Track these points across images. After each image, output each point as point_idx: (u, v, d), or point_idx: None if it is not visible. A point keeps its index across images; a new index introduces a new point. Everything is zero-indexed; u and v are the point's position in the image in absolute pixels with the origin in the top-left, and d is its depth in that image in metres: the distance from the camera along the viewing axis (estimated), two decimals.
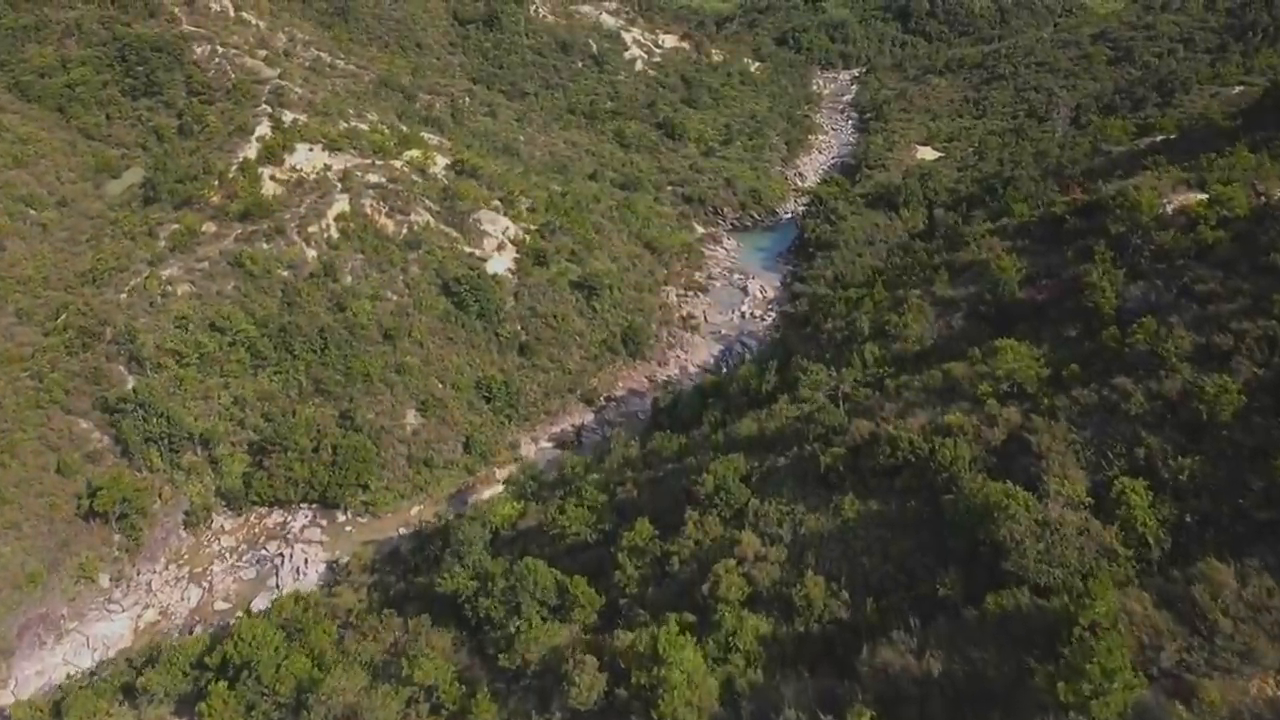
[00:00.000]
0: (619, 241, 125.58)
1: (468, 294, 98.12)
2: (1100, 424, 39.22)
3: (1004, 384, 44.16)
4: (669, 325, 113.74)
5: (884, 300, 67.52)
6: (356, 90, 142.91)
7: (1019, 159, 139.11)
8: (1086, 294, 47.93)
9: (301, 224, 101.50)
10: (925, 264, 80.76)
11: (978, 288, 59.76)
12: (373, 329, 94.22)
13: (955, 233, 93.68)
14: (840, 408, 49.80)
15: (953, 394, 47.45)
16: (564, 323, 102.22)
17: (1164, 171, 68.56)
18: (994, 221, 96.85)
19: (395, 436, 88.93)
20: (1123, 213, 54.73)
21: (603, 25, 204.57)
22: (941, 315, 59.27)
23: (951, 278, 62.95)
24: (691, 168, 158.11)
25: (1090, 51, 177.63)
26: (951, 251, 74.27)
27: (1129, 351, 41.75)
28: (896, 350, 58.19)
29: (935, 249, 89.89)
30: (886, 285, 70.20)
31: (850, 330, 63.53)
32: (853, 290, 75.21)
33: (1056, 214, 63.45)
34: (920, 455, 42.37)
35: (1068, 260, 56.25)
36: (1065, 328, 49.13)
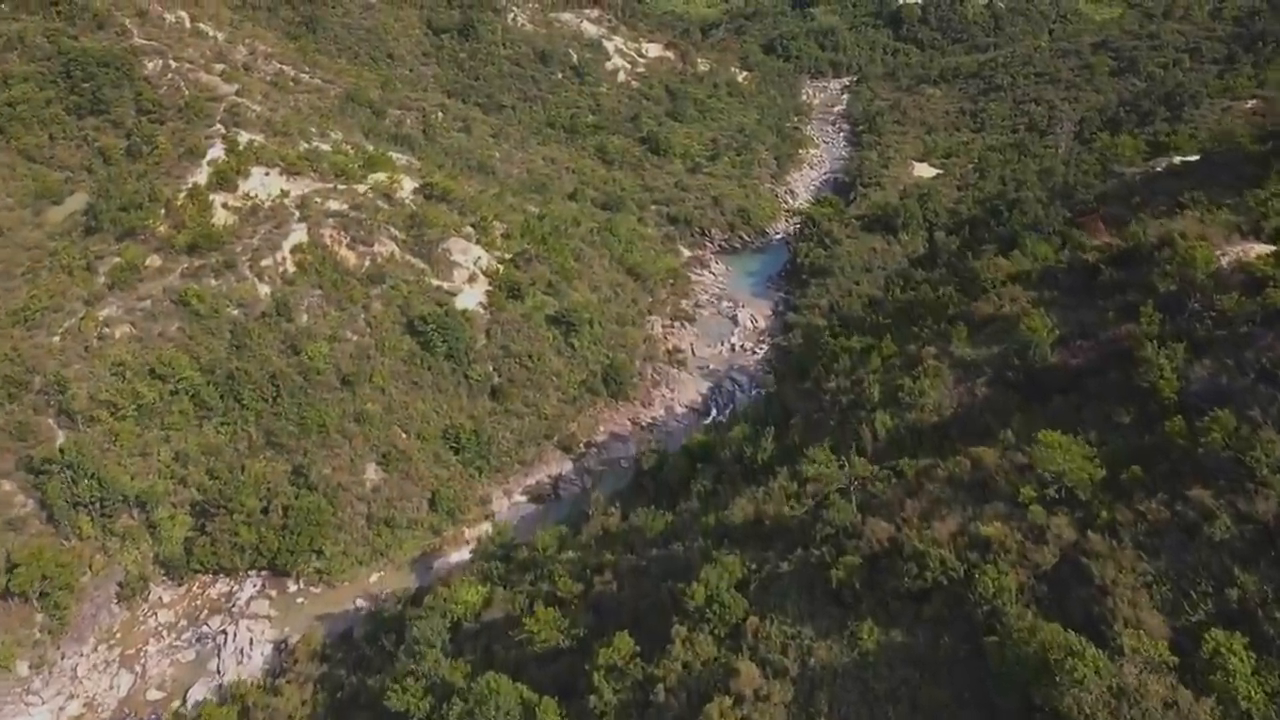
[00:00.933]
0: (600, 268, 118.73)
1: (435, 333, 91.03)
2: (1176, 550, 32.53)
3: (1050, 487, 37.35)
4: (654, 361, 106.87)
5: (893, 356, 60.77)
6: (321, 106, 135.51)
7: (1022, 178, 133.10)
8: (1141, 371, 41.20)
9: (254, 257, 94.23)
10: (935, 307, 74.28)
11: (1002, 348, 53.05)
12: (330, 374, 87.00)
13: (965, 268, 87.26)
14: (851, 502, 42.92)
15: (985, 491, 40.70)
16: (540, 362, 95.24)
17: (1206, 211, 62.14)
18: (1003, 252, 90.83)
19: (353, 494, 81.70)
20: (1171, 266, 48.10)
21: (584, 34, 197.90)
22: (961, 380, 52.52)
23: (971, 333, 56.20)
24: (677, 185, 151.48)
25: (1092, 61, 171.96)
26: (967, 296, 67.63)
27: (1203, 454, 35.05)
28: (911, 421, 51.41)
29: (945, 290, 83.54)
30: (896, 338, 63.39)
31: (857, 394, 56.71)
32: (856, 339, 68.43)
33: (1088, 261, 56.81)
34: (954, 577, 35.62)
35: (1107, 320, 49.60)
36: (1113, 408, 42.40)
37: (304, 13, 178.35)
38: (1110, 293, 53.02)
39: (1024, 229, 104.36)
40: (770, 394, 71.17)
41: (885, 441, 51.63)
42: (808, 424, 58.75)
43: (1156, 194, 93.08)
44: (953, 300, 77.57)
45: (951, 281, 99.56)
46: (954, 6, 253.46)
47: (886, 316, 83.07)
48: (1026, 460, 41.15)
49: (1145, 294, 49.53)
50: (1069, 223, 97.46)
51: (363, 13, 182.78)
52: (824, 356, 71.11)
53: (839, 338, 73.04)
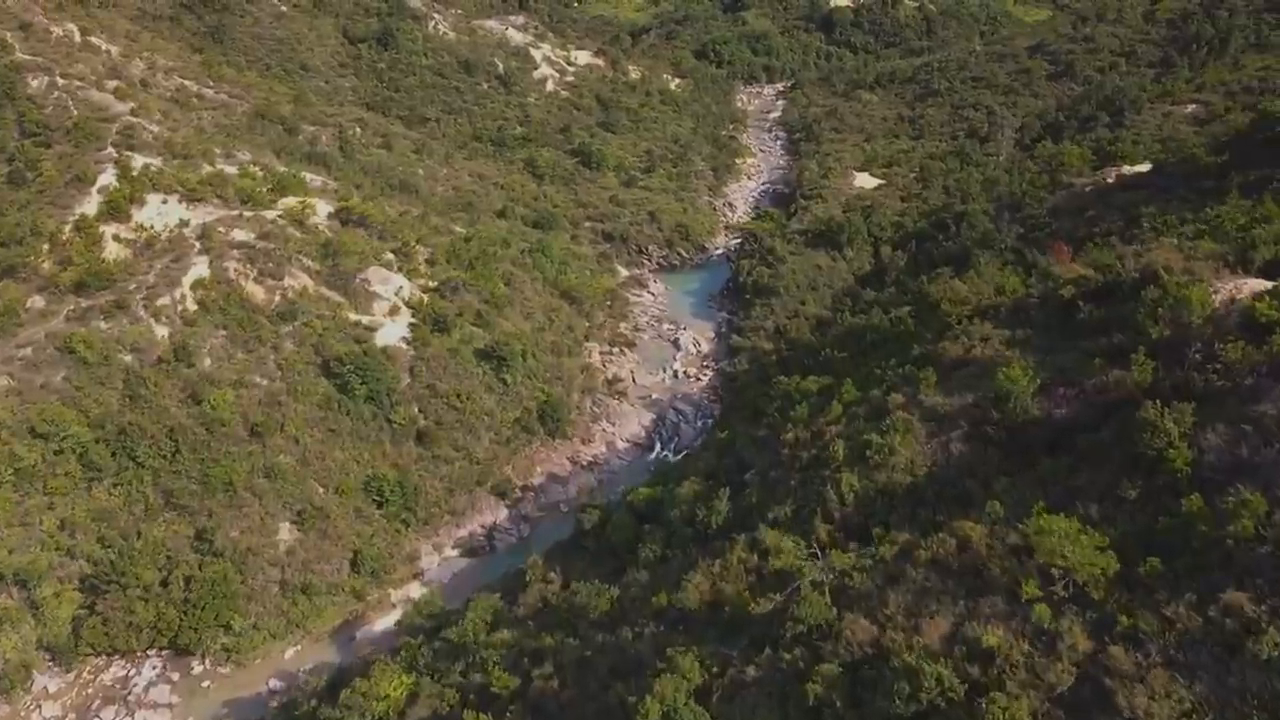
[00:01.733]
0: (533, 292, 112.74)
1: (353, 374, 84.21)
2: (1216, 671, 27.93)
3: (1057, 583, 32.55)
4: (593, 393, 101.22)
5: (855, 402, 55.97)
6: (227, 124, 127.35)
7: (966, 188, 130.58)
8: (1145, 436, 36.74)
9: (150, 295, 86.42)
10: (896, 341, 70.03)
11: (977, 396, 48.56)
12: (236, 424, 79.63)
13: (919, 291, 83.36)
14: (825, 594, 37.78)
15: (978, 581, 35.89)
16: (469, 401, 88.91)
17: (1180, 235, 58.72)
18: (957, 273, 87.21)
19: (265, 559, 74.56)
20: (1163, 308, 43.91)
21: (509, 41, 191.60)
22: (934, 434, 47.87)
23: (940, 377, 51.60)
24: (612, 200, 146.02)
25: (1028, 65, 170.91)
26: (927, 329, 63.29)
27: (1234, 545, 30.58)
28: (882, 483, 46.57)
29: (898, 315, 79.49)
30: (856, 379, 58.61)
31: (819, 449, 51.71)
32: (812, 379, 63.54)
33: (1063, 296, 52.63)
34: (954, 699, 30.62)
35: (1092, 366, 45.30)
36: (1113, 478, 37.92)
37: (210, 22, 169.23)
38: (1092, 333, 48.85)
39: (974, 245, 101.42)
40: (722, 441, 65.88)
41: (853, 506, 46.76)
42: (765, 482, 53.64)
43: (1110, 208, 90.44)
44: (910, 332, 73.49)
45: (902, 302, 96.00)
46: (886, 10, 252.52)
47: (840, 348, 78.72)
48: (1020, 540, 36.53)
49: (1132, 336, 45.40)
50: (1024, 240, 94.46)
51: (274, 22, 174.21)
52: (778, 399, 66.13)
53: (794, 376, 68.12)
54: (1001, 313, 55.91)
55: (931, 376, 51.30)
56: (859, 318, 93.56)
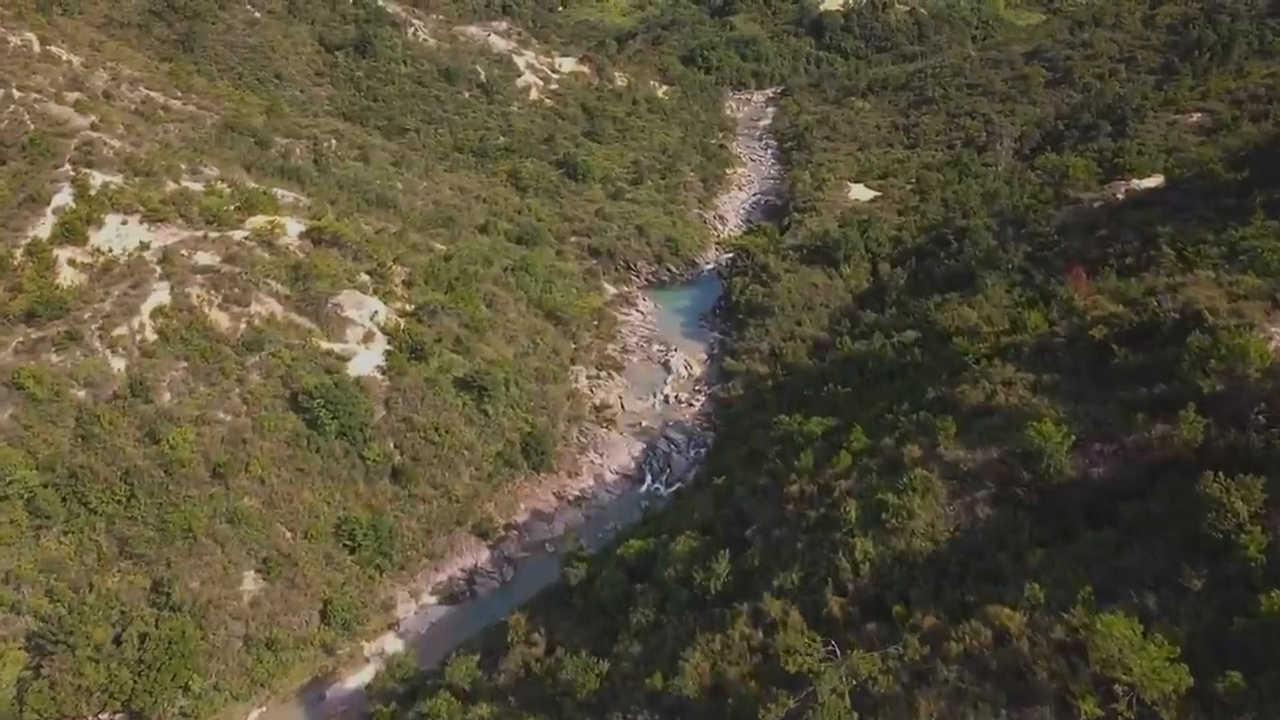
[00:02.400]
0: (516, 314, 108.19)
1: (323, 408, 79.36)
2: None
3: (1120, 700, 28.12)
4: (580, 422, 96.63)
5: (865, 450, 51.53)
6: (195, 138, 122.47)
7: (965, 200, 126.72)
8: (1209, 517, 32.41)
9: (106, 325, 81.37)
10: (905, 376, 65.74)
11: (1003, 451, 44.22)
12: (197, 465, 74.70)
13: (926, 319, 79.17)
14: (845, 698, 33.31)
15: (1021, 684, 31.47)
16: (448, 435, 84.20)
17: (1215, 266, 54.60)
18: (965, 298, 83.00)
19: (227, 612, 69.61)
20: (1215, 359, 39.67)
21: (492, 48, 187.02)
22: (957, 494, 43.47)
23: (960, 427, 47.21)
24: (598, 214, 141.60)
25: (1025, 72, 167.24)
26: (939, 363, 58.91)
27: None
28: (900, 550, 42.17)
29: (901, 341, 75.22)
30: (864, 424, 54.15)
31: (828, 508, 47.26)
32: (816, 422, 59.00)
33: (1094, 337, 48.33)
34: None
35: (1134, 421, 41.02)
36: (1169, 559, 33.61)
37: (180, 30, 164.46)
38: (1128, 380, 44.61)
39: (979, 264, 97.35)
40: (719, 488, 61.28)
41: (868, 576, 42.32)
42: (768, 542, 49.13)
43: (1123, 226, 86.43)
44: (918, 363, 69.37)
45: (905, 325, 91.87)
46: (876, 14, 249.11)
47: (843, 380, 74.43)
48: (1067, 635, 32.19)
49: (1177, 387, 41.20)
50: (1032, 260, 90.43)
51: (247, 29, 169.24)
52: (779, 441, 61.60)
53: (795, 415, 63.55)
54: (1024, 352, 51.53)
55: (951, 426, 46.91)
56: (860, 343, 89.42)
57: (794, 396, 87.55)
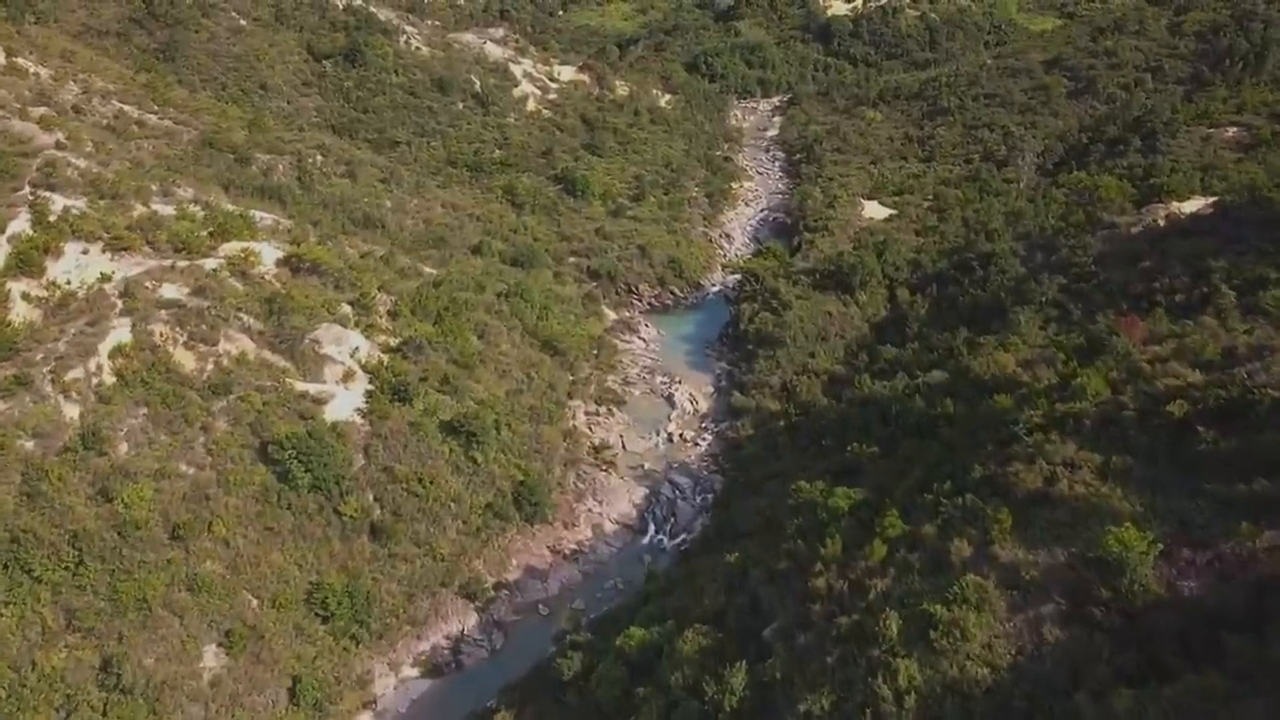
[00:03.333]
0: (509, 344, 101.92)
1: (295, 460, 72.91)
2: None
3: None
4: (576, 465, 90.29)
5: (902, 536, 45.04)
6: (169, 155, 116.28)
7: (987, 220, 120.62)
8: None
9: (60, 367, 74.95)
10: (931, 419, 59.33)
11: (1070, 555, 37.81)
12: (155, 525, 68.29)
13: (956, 362, 72.74)
14: None
15: None
16: (433, 486, 77.85)
17: None
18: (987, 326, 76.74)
19: (185, 693, 63.22)
20: None
21: (488, 57, 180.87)
22: (1019, 609, 37.06)
23: (1016, 517, 40.73)
24: (598, 233, 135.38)
25: (1046, 82, 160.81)
26: (985, 429, 52.38)
27: None
28: (952, 677, 35.76)
29: (932, 388, 68.73)
30: (899, 505, 47.65)
31: (862, 615, 40.74)
32: (842, 494, 52.44)
33: (1172, 414, 41.84)
34: None
35: (1235, 529, 34.62)
36: None
37: (161, 38, 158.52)
38: (1219, 469, 38.18)
39: (1008, 295, 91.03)
40: (731, 568, 54.61)
41: (915, 708, 35.87)
42: (791, 650, 42.65)
43: (1170, 259, 79.86)
44: (948, 414, 63.03)
45: (929, 363, 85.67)
46: (886, 19, 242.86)
47: (866, 433, 68.11)
48: None
49: None
50: (1068, 294, 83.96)
51: (231, 37, 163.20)
52: (799, 511, 55.08)
53: (816, 482, 56.99)
54: (1084, 424, 45.02)
55: (1006, 517, 40.47)
56: (881, 383, 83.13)
57: (811, 443, 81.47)
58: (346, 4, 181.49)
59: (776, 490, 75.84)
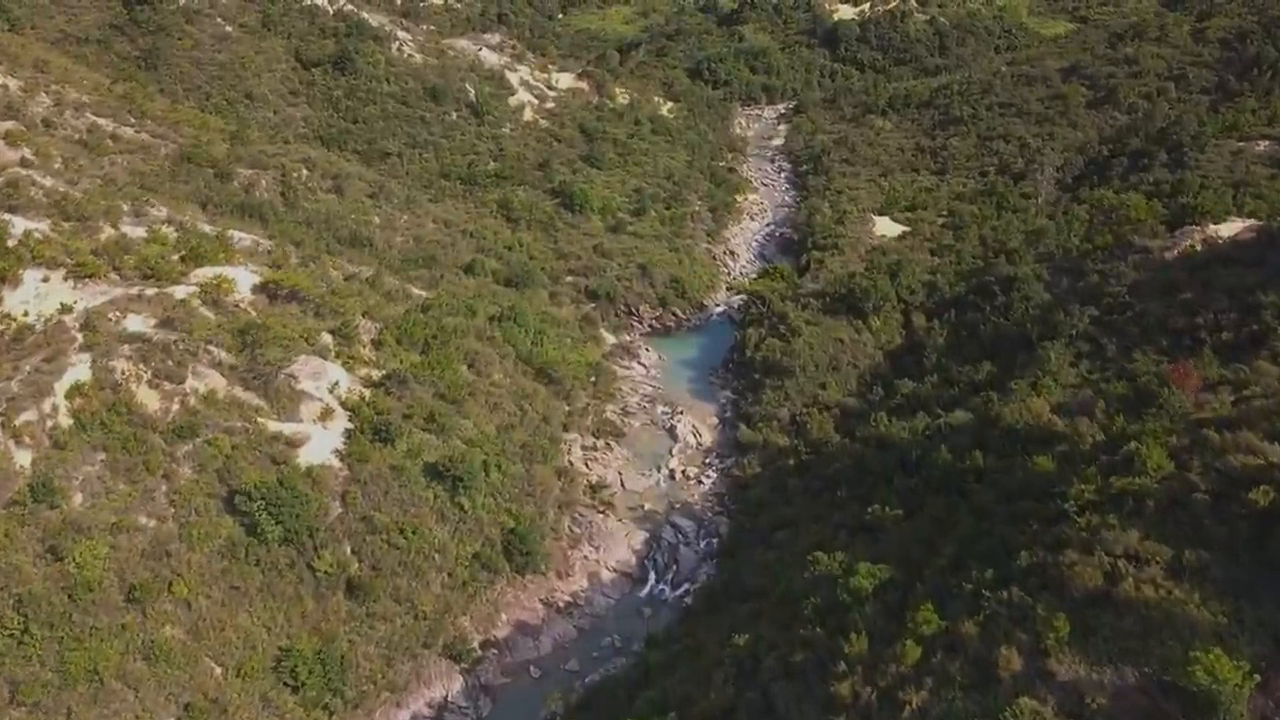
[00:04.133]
0: (501, 373, 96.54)
1: (265, 512, 67.49)
2: None
3: None
4: (572, 508, 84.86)
5: (937, 634, 39.55)
6: (145, 171, 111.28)
7: (1006, 238, 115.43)
8: None
9: (11, 410, 69.48)
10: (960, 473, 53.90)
11: (1141, 676, 32.33)
12: (109, 587, 62.88)
13: (984, 409, 67.17)
14: None
15: None
16: (416, 536, 72.44)
17: None
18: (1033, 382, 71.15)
19: None
20: None
21: (483, 64, 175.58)
22: None
23: (1074, 625, 35.25)
24: (596, 250, 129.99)
25: (1064, 91, 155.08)
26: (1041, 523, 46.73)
27: None
28: None
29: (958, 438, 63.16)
30: (932, 596, 42.15)
31: None
32: (865, 570, 46.87)
33: (1254, 502, 36.34)
34: None
35: None
36: None
37: (143, 46, 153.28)
38: None
39: (1034, 325, 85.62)
40: (739, 651, 48.99)
41: None
42: None
43: (1212, 290, 74.26)
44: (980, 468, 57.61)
45: (950, 400, 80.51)
46: (894, 24, 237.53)
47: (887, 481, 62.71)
48: None
49: None
50: (1101, 327, 78.49)
51: (216, 44, 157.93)
52: (817, 587, 49.58)
53: (836, 554, 51.43)
54: (1147, 506, 39.52)
55: (1062, 624, 35.02)
56: (899, 423, 77.72)
57: (825, 488, 76.17)
58: (337, 9, 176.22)
59: (787, 541, 70.82)
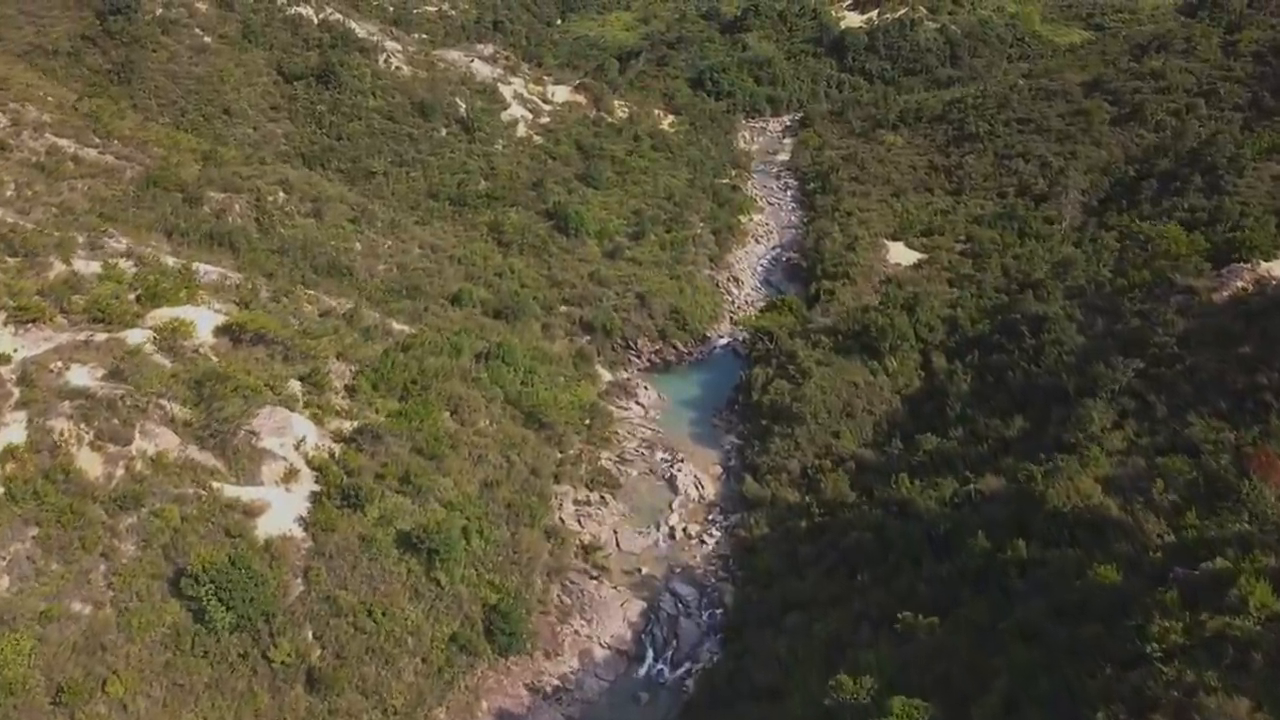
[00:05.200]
0: (487, 419, 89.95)
1: (213, 596, 60.54)
2: None
3: None
4: (562, 575, 78.01)
5: None
6: (107, 197, 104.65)
7: (1030, 268, 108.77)
8: None
9: None
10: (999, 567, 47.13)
11: None
12: (35, 688, 55.83)
13: (1028, 491, 60.22)
14: None
15: None
16: (386, 618, 65.56)
17: None
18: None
19: None
20: None
21: (474, 77, 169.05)
22: None
23: None
24: (592, 278, 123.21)
25: (1086, 106, 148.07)
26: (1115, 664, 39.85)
27: None
28: None
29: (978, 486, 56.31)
30: None
31: None
32: (899, 707, 39.89)
33: None
34: None
35: None
36: None
37: (116, 58, 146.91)
38: None
39: (1070, 376, 78.67)
40: None
41: None
42: None
43: (1273, 343, 67.71)
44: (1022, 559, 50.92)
45: (977, 460, 73.83)
46: (904, 32, 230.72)
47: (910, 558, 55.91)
48: None
49: None
50: (1148, 382, 71.54)
51: (193, 57, 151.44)
52: (841, 713, 42.69)
53: (860, 680, 44.43)
54: (1254, 661, 32.56)
55: None
56: (923, 488, 70.88)
57: (841, 561, 69.27)
58: (323, 19, 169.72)
59: (800, 628, 64.09)
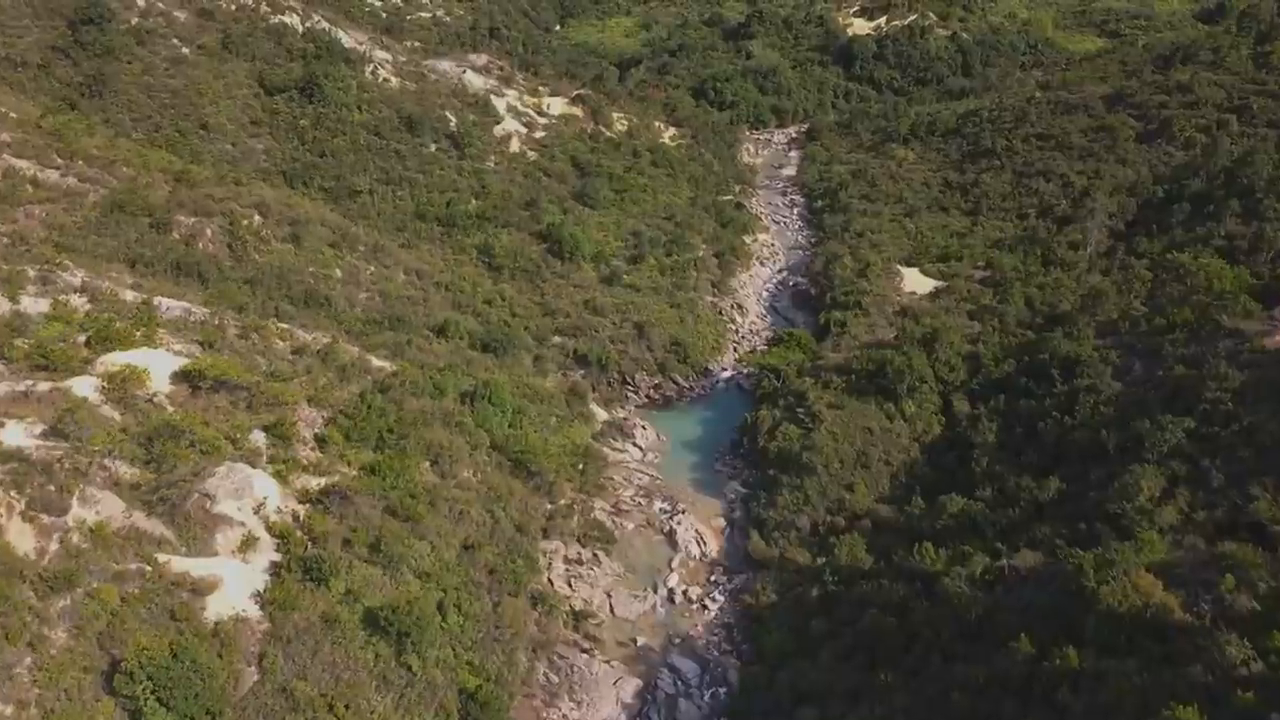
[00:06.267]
0: (471, 468, 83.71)
1: (151, 695, 53.94)
2: None
3: None
4: (549, 649, 71.42)
5: None
6: (66, 224, 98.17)
7: (1056, 299, 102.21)
8: None
9: None
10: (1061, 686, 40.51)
11: None
12: None
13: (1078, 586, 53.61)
14: None
15: None
16: (350, 711, 58.96)
17: None
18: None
19: None
20: None
21: (466, 88, 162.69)
22: None
23: None
24: (588, 306, 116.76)
25: (1110, 122, 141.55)
26: None
27: None
28: None
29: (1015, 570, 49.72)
30: None
31: None
32: None
33: None
34: None
35: None
36: None
37: (88, 70, 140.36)
38: None
39: (1109, 429, 72.15)
40: None
41: None
42: None
43: None
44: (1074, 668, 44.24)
45: (1013, 532, 67.31)
46: (913, 40, 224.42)
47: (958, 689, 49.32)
48: None
49: None
50: (1201, 444, 64.89)
51: (170, 68, 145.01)
52: None
53: None
54: None
55: None
56: (948, 560, 64.34)
57: (857, 648, 62.78)
58: (308, 28, 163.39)
59: None
